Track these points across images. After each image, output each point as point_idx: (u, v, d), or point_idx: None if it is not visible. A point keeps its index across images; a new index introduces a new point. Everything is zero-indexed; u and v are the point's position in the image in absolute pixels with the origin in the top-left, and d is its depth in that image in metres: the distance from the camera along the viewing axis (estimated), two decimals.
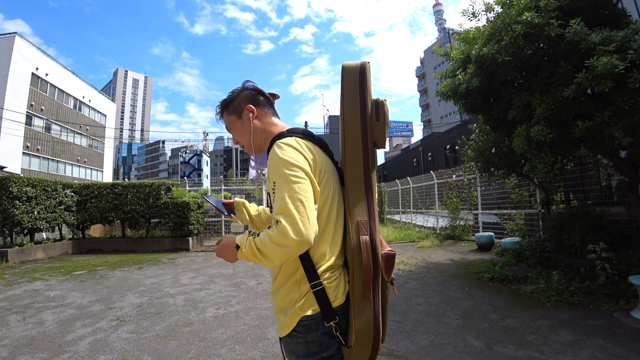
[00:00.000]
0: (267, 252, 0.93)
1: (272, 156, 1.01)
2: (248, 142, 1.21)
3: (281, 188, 0.94)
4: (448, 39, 43.22)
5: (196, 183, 33.05)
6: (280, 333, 1.08)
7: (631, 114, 3.30)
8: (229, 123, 1.25)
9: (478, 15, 4.73)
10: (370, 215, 1.03)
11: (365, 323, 0.98)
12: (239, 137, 1.23)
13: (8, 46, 23.10)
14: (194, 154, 74.50)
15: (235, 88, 1.27)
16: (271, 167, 1.00)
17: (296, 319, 1.00)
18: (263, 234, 0.95)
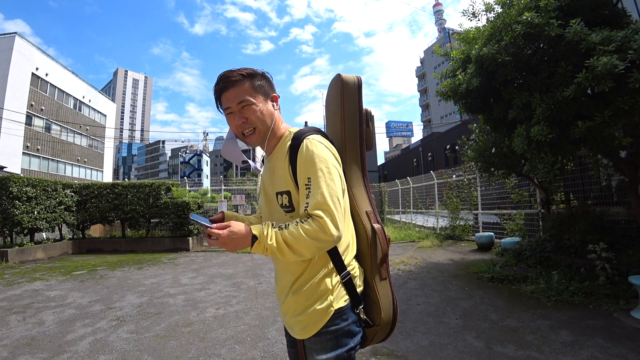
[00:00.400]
0: (297, 246, 0.94)
1: (305, 152, 1.01)
2: (265, 128, 1.10)
3: (319, 184, 0.97)
4: (448, 39, 43.22)
5: (196, 183, 33.03)
6: (305, 334, 1.05)
7: (631, 114, 3.30)
8: (250, 96, 1.07)
9: (478, 15, 4.72)
10: (373, 206, 1.18)
11: (388, 301, 1.11)
12: (257, 117, 1.08)
13: (8, 46, 23.10)
14: (194, 154, 74.51)
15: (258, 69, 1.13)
16: (304, 162, 1.01)
17: (329, 314, 1.03)
18: (294, 227, 0.94)
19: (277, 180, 1.09)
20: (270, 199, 1.15)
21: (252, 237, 0.94)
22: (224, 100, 1.09)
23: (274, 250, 0.94)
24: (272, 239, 0.94)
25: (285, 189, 1.06)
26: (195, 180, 49.93)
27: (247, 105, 1.07)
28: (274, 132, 1.14)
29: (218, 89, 1.09)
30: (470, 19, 4.79)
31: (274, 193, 1.10)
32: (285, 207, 1.07)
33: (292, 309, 1.08)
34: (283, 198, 1.07)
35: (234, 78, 1.07)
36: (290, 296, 1.09)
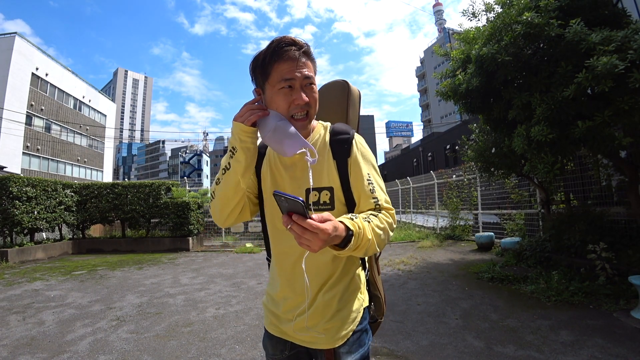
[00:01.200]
0: (379, 240, 0.87)
1: (361, 149, 1.00)
2: (313, 113, 0.98)
3: (378, 181, 0.98)
4: (448, 39, 43.23)
5: (196, 183, 33.09)
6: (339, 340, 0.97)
7: (631, 114, 3.30)
8: (313, 77, 0.95)
9: (478, 15, 4.72)
10: None
11: (384, 295, 1.17)
12: (314, 100, 0.95)
13: (8, 46, 23.11)
14: (194, 154, 74.54)
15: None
16: (361, 158, 0.98)
17: (361, 312, 1.01)
18: (378, 220, 0.88)
19: (313, 176, 0.94)
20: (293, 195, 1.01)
21: (348, 232, 0.79)
22: (288, 68, 0.89)
23: (366, 246, 0.82)
24: (370, 234, 0.83)
25: (328, 184, 0.97)
26: (195, 180, 49.98)
27: (312, 84, 0.94)
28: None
29: (285, 54, 0.89)
30: (470, 19, 4.79)
31: (303, 190, 0.97)
32: (323, 204, 0.97)
33: (321, 314, 0.97)
34: (322, 194, 0.97)
35: (305, 49, 0.91)
36: (319, 300, 0.97)
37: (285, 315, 1.02)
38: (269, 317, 1.08)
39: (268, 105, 0.94)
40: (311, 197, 0.97)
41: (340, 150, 0.98)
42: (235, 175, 0.92)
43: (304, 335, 1.00)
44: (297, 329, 0.99)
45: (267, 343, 1.09)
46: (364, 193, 0.95)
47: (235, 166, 0.91)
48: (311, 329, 0.98)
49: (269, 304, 1.09)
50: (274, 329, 1.06)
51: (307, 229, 0.70)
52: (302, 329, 0.99)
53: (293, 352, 1.05)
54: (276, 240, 1.03)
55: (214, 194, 0.98)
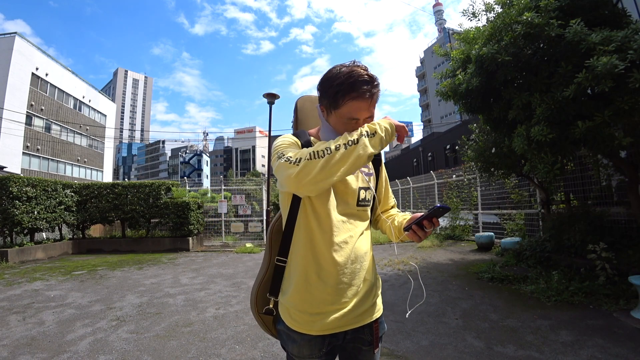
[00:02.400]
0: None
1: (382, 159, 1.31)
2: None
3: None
4: (448, 39, 43.21)
5: (196, 183, 33.06)
6: (380, 311, 1.20)
7: (631, 114, 3.30)
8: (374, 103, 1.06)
9: (478, 15, 4.72)
10: None
11: None
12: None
13: (8, 46, 23.11)
14: (194, 154, 74.52)
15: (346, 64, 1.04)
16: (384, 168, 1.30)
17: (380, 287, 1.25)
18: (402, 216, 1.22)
19: (360, 177, 1.18)
20: (343, 194, 1.13)
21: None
22: (361, 107, 0.99)
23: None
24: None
25: (369, 186, 1.20)
26: (195, 180, 49.95)
27: (371, 118, 1.05)
28: None
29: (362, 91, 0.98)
30: (470, 19, 4.79)
31: (357, 188, 1.16)
32: (366, 201, 1.18)
33: (368, 295, 1.15)
34: (367, 193, 1.18)
35: (379, 88, 1.02)
36: (371, 283, 1.16)
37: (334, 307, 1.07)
38: (309, 318, 1.07)
39: (329, 122, 1.09)
40: (361, 194, 1.16)
41: (375, 161, 1.25)
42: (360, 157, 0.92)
43: (353, 319, 1.11)
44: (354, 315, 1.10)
45: (303, 346, 1.09)
46: (387, 194, 1.31)
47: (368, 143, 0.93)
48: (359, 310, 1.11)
49: (308, 304, 1.08)
50: (317, 329, 1.07)
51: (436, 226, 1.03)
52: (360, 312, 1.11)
53: (330, 347, 1.13)
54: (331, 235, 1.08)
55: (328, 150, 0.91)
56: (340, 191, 1.12)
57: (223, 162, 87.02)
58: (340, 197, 1.13)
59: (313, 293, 1.07)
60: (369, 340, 1.18)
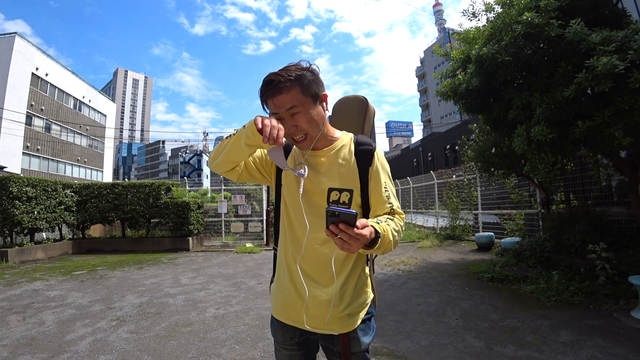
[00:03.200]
0: (396, 240, 1.03)
1: (381, 160, 1.15)
2: (316, 133, 1.07)
3: (392, 190, 1.15)
4: (448, 39, 43.20)
5: (196, 183, 33.07)
6: (351, 326, 1.11)
7: (631, 114, 3.30)
8: (299, 102, 1.02)
9: (478, 15, 4.72)
10: None
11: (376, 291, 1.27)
12: (310, 126, 1.05)
13: (8, 46, 23.11)
14: (194, 154, 74.50)
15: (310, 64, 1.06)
16: (381, 169, 1.14)
17: (368, 304, 1.16)
18: (395, 223, 1.05)
19: (336, 177, 1.10)
20: (311, 193, 1.10)
21: (377, 235, 0.92)
22: (271, 106, 1.04)
23: (387, 246, 0.98)
24: (391, 235, 0.99)
25: (348, 187, 1.10)
26: (195, 180, 49.95)
27: (297, 113, 1.03)
28: (328, 131, 1.14)
29: (264, 95, 1.03)
30: (470, 19, 4.79)
31: (325, 188, 1.09)
32: (342, 204, 1.09)
33: (335, 308, 1.08)
34: (342, 195, 1.09)
35: (282, 85, 1.00)
36: (337, 291, 1.08)
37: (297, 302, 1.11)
38: (280, 306, 1.17)
39: None
40: (332, 195, 1.09)
41: (363, 160, 1.12)
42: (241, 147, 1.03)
43: (317, 323, 1.09)
44: (314, 318, 1.09)
45: (277, 331, 1.19)
46: (380, 199, 1.10)
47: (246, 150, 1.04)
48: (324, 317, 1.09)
49: (280, 292, 1.16)
50: (285, 317, 1.15)
51: (353, 236, 0.82)
52: (321, 318, 1.08)
53: (303, 339, 1.16)
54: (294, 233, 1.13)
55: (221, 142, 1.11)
56: (308, 190, 1.10)
57: None
58: (309, 196, 1.10)
59: (283, 283, 1.15)
60: (337, 351, 1.13)
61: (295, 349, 1.17)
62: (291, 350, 1.18)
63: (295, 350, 1.17)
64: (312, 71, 1.05)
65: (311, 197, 1.10)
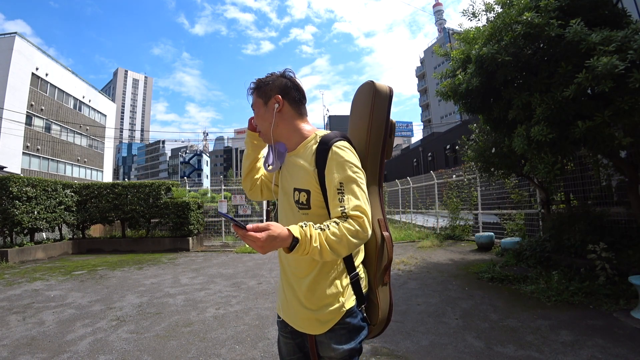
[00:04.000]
0: (338, 247, 0.96)
1: (335, 157, 1.06)
2: (266, 131, 1.22)
3: (353, 189, 1.03)
4: (448, 39, 43.17)
5: (196, 183, 33.07)
6: (317, 330, 1.11)
7: (631, 114, 3.30)
8: (254, 105, 1.25)
9: (478, 15, 4.72)
10: (384, 214, 1.24)
11: (385, 303, 1.20)
12: (259, 122, 1.24)
13: (8, 46, 23.10)
14: (194, 154, 74.50)
15: (275, 72, 1.24)
16: (335, 167, 1.05)
17: (341, 314, 1.10)
18: (336, 228, 0.96)
19: (297, 177, 1.14)
20: (286, 193, 1.20)
21: (293, 240, 0.91)
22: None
23: (316, 252, 0.94)
24: (316, 241, 0.93)
25: (305, 187, 1.11)
26: (195, 180, 49.95)
27: (254, 113, 1.26)
28: (287, 134, 1.21)
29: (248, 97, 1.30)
30: (470, 19, 4.79)
31: (292, 188, 1.15)
32: (301, 204, 1.11)
33: (302, 308, 1.13)
34: (301, 195, 1.11)
35: (249, 88, 1.25)
36: (301, 296, 1.13)
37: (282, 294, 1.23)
38: (277, 301, 1.31)
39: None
40: (295, 195, 1.13)
41: (319, 159, 1.09)
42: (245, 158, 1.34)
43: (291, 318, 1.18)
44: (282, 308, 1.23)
45: (279, 320, 1.29)
46: (332, 202, 1.04)
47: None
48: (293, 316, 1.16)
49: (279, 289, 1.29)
50: (277, 308, 1.30)
51: (246, 237, 0.87)
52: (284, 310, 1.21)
53: (293, 328, 1.21)
54: None
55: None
56: (284, 190, 1.22)
57: (223, 162, 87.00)
58: (285, 196, 1.21)
59: (280, 277, 1.27)
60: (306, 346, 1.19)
61: (289, 337, 1.23)
62: (286, 338, 1.25)
63: (289, 338, 1.23)
64: (270, 74, 1.23)
65: (287, 197, 1.19)
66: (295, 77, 1.23)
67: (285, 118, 1.19)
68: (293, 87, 1.21)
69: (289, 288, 1.18)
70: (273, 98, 1.18)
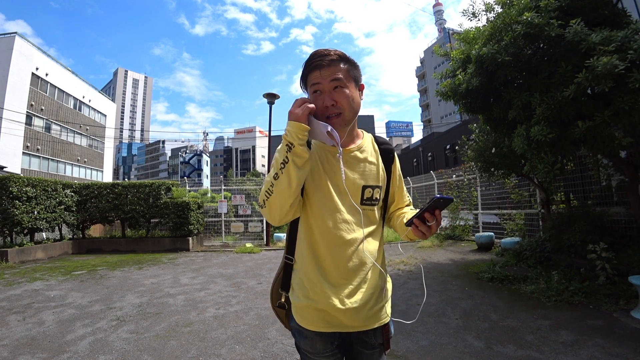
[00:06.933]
0: None
1: (398, 160, 1.28)
2: (351, 117, 1.08)
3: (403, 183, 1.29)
4: (448, 39, 43.19)
5: (196, 183, 33.04)
6: (387, 319, 1.14)
7: (631, 114, 3.30)
8: (345, 80, 1.05)
9: (478, 15, 4.72)
10: None
11: None
12: (348, 104, 1.05)
13: (8, 46, 23.09)
14: (194, 154, 74.49)
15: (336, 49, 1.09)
16: (399, 168, 1.29)
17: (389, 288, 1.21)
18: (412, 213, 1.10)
19: (369, 174, 1.15)
20: (344, 193, 1.09)
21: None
22: (315, 76, 1.05)
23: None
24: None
25: (379, 184, 1.16)
26: (195, 180, 49.94)
27: (340, 87, 1.04)
28: (354, 125, 1.14)
29: (312, 64, 1.04)
30: (470, 19, 4.79)
31: (360, 185, 1.12)
32: (373, 200, 1.14)
33: (379, 298, 1.12)
34: (375, 192, 1.14)
35: (331, 57, 1.04)
36: (378, 284, 1.12)
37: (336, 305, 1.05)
38: (316, 315, 1.08)
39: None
40: (366, 193, 1.13)
41: (387, 158, 1.21)
42: (294, 168, 0.97)
43: (357, 320, 1.07)
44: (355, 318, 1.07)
45: (315, 342, 1.10)
46: (402, 193, 1.26)
47: (296, 160, 0.97)
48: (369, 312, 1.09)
49: (312, 302, 1.07)
50: (324, 327, 1.08)
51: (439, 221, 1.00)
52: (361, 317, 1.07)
53: (341, 340, 1.13)
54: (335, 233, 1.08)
55: (269, 191, 1.02)
56: (341, 190, 1.09)
57: (223, 162, 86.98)
58: (342, 196, 1.09)
59: (315, 291, 1.07)
60: (372, 344, 1.13)
61: (337, 352, 1.13)
62: (333, 356, 1.13)
63: (337, 354, 1.14)
64: (355, 62, 1.11)
65: (345, 197, 1.09)
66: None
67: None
68: None
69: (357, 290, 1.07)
70: (361, 85, 1.12)
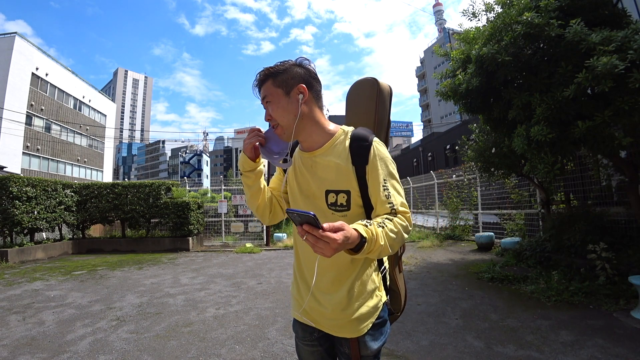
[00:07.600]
0: (394, 243, 0.94)
1: (377, 153, 1.04)
2: (288, 125, 1.06)
3: (393, 184, 1.04)
4: (448, 39, 43.18)
5: (196, 183, 33.02)
6: (360, 332, 1.08)
7: (631, 114, 3.30)
8: (270, 95, 1.06)
9: (478, 15, 4.72)
10: None
11: (404, 291, 1.27)
12: (279, 115, 1.06)
13: (8, 46, 23.09)
14: (194, 154, 74.51)
15: (287, 60, 1.09)
16: (378, 163, 1.03)
17: (379, 308, 1.11)
18: (392, 224, 0.95)
19: (331, 178, 1.06)
20: (310, 196, 1.11)
21: (361, 240, 0.86)
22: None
23: (379, 251, 0.89)
24: (382, 240, 0.89)
25: (345, 188, 1.05)
26: (195, 180, 49.92)
27: (269, 102, 1.08)
28: (309, 128, 1.08)
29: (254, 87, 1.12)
30: (470, 19, 4.79)
31: (322, 190, 1.07)
32: (340, 205, 1.05)
33: (341, 313, 1.08)
34: (339, 197, 1.05)
35: (260, 78, 1.08)
36: (343, 297, 1.07)
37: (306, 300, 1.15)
38: (295, 304, 1.21)
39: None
40: (329, 198, 1.06)
41: (359, 157, 1.04)
42: (246, 186, 1.16)
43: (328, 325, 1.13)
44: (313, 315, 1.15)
45: (298, 327, 1.22)
46: (379, 199, 1.01)
47: (245, 180, 1.15)
48: (331, 319, 1.11)
49: (297, 294, 1.20)
50: (299, 316, 1.19)
51: (320, 239, 0.78)
52: (316, 316, 1.14)
53: (322, 334, 1.17)
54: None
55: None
56: (307, 194, 1.12)
57: (223, 162, 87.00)
58: (309, 200, 1.11)
59: (297, 280, 1.20)
60: (342, 352, 1.13)
61: (316, 344, 1.18)
62: (312, 346, 1.19)
63: (316, 345, 1.18)
64: (283, 62, 1.08)
65: (313, 201, 1.09)
66: (314, 68, 1.11)
67: (309, 113, 1.07)
68: (313, 78, 1.09)
69: (320, 294, 1.11)
70: (296, 87, 1.05)
